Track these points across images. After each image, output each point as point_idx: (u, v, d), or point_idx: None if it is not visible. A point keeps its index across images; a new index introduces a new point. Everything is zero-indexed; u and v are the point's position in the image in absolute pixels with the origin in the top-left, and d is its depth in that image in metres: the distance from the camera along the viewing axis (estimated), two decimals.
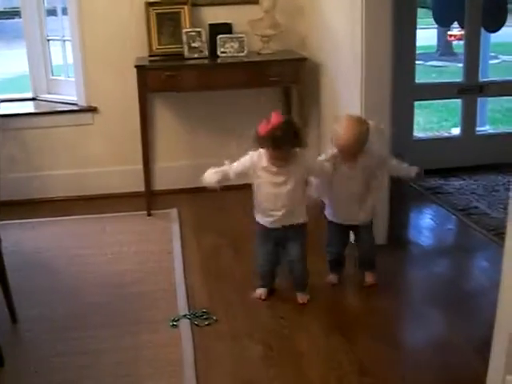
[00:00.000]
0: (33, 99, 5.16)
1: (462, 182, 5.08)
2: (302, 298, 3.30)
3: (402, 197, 4.62)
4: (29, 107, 5.05)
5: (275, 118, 3.00)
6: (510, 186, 2.32)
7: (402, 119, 5.11)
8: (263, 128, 3.00)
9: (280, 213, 3.17)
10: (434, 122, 7.55)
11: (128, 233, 4.26)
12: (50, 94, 5.14)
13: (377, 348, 2.88)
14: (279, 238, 3.25)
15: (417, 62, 5.36)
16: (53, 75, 5.20)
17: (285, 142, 3.00)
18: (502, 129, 6.71)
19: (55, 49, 5.17)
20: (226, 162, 3.39)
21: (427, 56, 11.03)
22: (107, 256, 3.90)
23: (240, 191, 4.80)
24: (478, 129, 5.55)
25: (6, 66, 12.42)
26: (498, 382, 2.35)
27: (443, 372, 2.71)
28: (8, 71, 11.93)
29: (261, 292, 3.35)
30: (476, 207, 4.55)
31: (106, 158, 4.93)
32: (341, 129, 3.19)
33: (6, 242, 3.12)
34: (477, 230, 4.18)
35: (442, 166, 5.26)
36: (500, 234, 2.31)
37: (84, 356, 2.89)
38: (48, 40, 5.10)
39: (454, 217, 4.48)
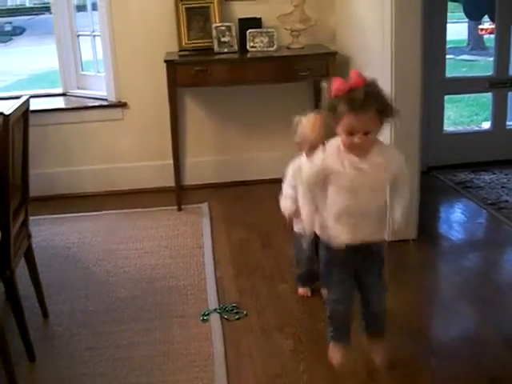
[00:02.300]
0: (63, 95, 5.21)
1: (492, 176, 5.04)
2: (378, 347, 2.69)
3: (432, 190, 4.60)
4: (59, 103, 5.09)
5: (356, 78, 2.28)
6: None
7: (433, 113, 5.10)
8: (339, 85, 2.28)
9: (365, 221, 2.44)
10: (464, 116, 7.50)
11: (158, 228, 4.28)
12: (79, 89, 5.19)
13: (406, 341, 2.87)
14: (358, 263, 2.53)
15: (447, 56, 5.32)
16: (82, 70, 5.24)
17: (370, 103, 2.23)
18: None
19: (85, 44, 5.20)
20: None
21: (458, 50, 10.94)
22: (138, 251, 3.93)
23: (269, 185, 4.84)
24: (508, 123, 5.50)
25: (36, 61, 12.54)
26: None
27: (473, 366, 2.69)
28: (38, 67, 12.04)
29: (338, 355, 2.67)
30: (506, 201, 4.52)
31: (135, 153, 4.96)
32: (305, 122, 2.90)
33: (37, 238, 3.16)
34: (507, 224, 4.15)
35: (473, 160, 5.23)
36: None
37: (115, 350, 2.91)
38: (78, 35, 5.14)
39: (484, 211, 4.45)
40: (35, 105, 4.31)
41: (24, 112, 2.84)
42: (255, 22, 4.62)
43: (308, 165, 2.48)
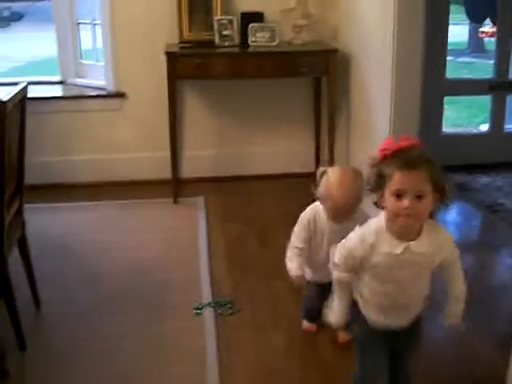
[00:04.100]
0: (61, 83, 5.18)
1: (488, 179, 5.03)
2: None
3: None
4: (57, 91, 5.06)
5: (408, 139, 2.02)
6: None
7: (432, 114, 5.09)
8: (388, 144, 1.99)
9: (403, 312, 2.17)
10: (463, 117, 7.50)
11: (154, 220, 4.27)
12: (78, 78, 5.15)
13: None
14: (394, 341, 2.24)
15: (448, 58, 5.31)
16: (82, 59, 5.20)
17: (424, 163, 1.91)
18: None
19: (85, 33, 5.17)
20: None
21: (458, 52, 10.93)
22: (133, 242, 3.91)
23: (267, 180, 4.84)
24: (506, 126, 5.50)
25: (34, 48, 12.49)
26: None
27: (463, 367, 2.70)
28: (36, 54, 11.99)
29: None
30: (502, 204, 4.52)
31: (133, 144, 4.94)
32: (333, 183, 2.61)
33: (31, 226, 3.13)
34: (502, 226, 4.16)
35: (470, 162, 5.22)
36: None
37: (107, 341, 2.90)
38: (78, 23, 5.10)
39: (479, 213, 4.45)
40: (33, 92, 4.29)
41: (21, 99, 2.82)
42: (257, 17, 4.60)
43: (343, 251, 2.09)
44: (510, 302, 2.63)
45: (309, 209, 2.79)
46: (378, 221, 2.02)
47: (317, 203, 2.74)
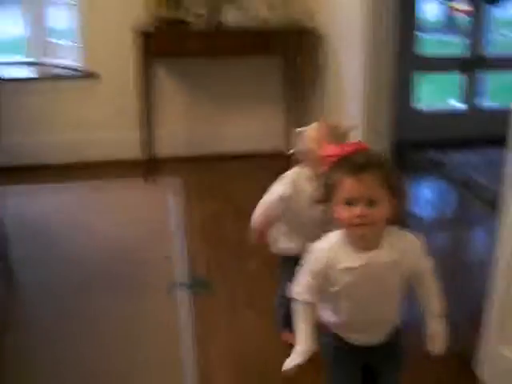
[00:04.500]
0: (32, 63, 5.11)
1: (461, 156, 5.06)
2: None
3: (402, 168, 4.61)
4: (28, 72, 5.01)
5: (355, 144, 1.87)
6: (504, 160, 2.32)
7: (404, 92, 5.10)
8: (333, 150, 1.83)
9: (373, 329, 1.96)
10: (436, 95, 7.51)
11: (128, 200, 4.26)
12: (49, 58, 5.09)
13: None
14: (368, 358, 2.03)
15: (421, 35, 5.32)
16: (53, 39, 5.14)
17: (373, 166, 1.74)
18: (504, 103, 6.67)
19: (57, 13, 5.10)
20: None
21: (432, 29, 10.93)
22: (107, 222, 3.89)
23: (242, 159, 4.83)
24: (479, 103, 5.53)
25: (3, 27, 12.30)
26: (489, 353, 2.37)
27: None
28: (6, 33, 11.80)
29: None
30: (475, 180, 4.54)
31: (106, 123, 4.90)
32: (309, 133, 2.46)
33: (4, 208, 3.11)
34: (476, 203, 4.18)
35: (443, 138, 5.24)
36: (498, 207, 2.33)
37: (82, 321, 2.89)
38: (48, 3, 5.03)
39: (453, 190, 4.48)
40: (3, 73, 4.24)
41: None
42: None
43: (305, 269, 1.88)
44: (483, 276, 2.65)
45: (286, 178, 2.56)
46: (334, 234, 1.85)
47: (295, 170, 2.55)
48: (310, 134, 2.45)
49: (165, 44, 4.25)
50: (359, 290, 1.82)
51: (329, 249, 1.83)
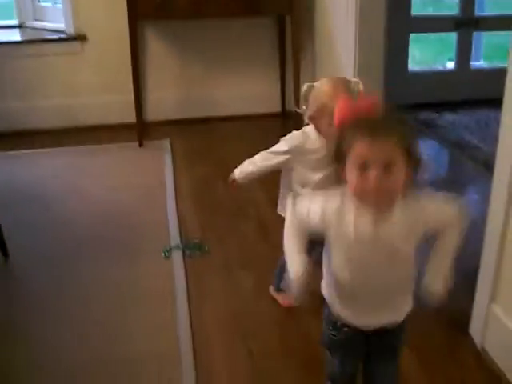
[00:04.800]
0: (18, 27, 5.06)
1: (455, 116, 5.04)
2: None
3: None
4: (15, 35, 4.94)
5: (371, 100, 1.62)
6: (499, 121, 2.29)
7: (397, 52, 5.06)
8: (346, 109, 1.61)
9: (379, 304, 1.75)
10: (429, 55, 7.47)
11: (120, 164, 4.24)
12: (36, 21, 5.03)
13: None
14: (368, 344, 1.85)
15: None
16: (39, 1, 5.07)
17: (391, 129, 1.56)
18: (497, 64, 6.64)
19: None
20: None
21: None
22: (99, 187, 3.87)
23: (233, 122, 4.80)
24: (472, 63, 5.50)
25: None
26: (483, 311, 2.38)
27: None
28: None
29: None
30: (468, 141, 4.53)
31: (95, 87, 4.86)
32: (322, 87, 2.27)
33: None
34: (469, 163, 4.18)
35: (436, 99, 5.23)
36: (491, 167, 2.31)
37: (77, 287, 2.88)
38: None
39: (446, 150, 4.47)
40: None
41: None
42: None
43: (300, 208, 1.74)
44: (476, 236, 2.64)
45: (295, 133, 2.38)
46: (342, 189, 1.64)
47: (305, 129, 2.36)
48: (322, 87, 2.26)
49: (152, 5, 4.18)
50: (365, 256, 1.64)
51: (336, 195, 1.64)
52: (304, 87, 2.31)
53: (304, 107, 2.31)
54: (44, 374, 2.35)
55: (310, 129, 2.33)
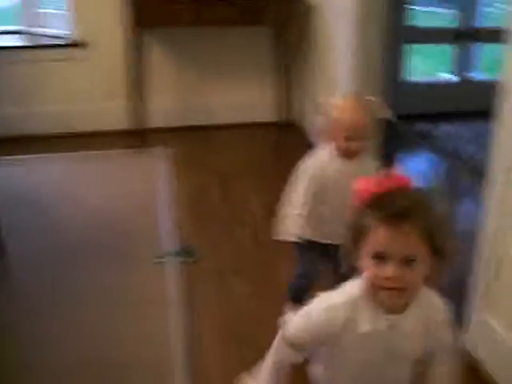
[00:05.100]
0: (20, 32, 5.07)
1: (451, 128, 5.05)
2: None
3: (392, 139, 4.60)
4: (16, 40, 4.96)
5: (399, 176, 1.44)
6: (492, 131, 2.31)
7: (396, 63, 5.08)
8: (370, 186, 1.42)
9: None
10: (427, 67, 7.48)
11: (117, 170, 4.24)
12: (38, 27, 5.04)
13: None
14: None
15: (414, 7, 5.28)
16: (42, 7, 5.08)
17: (415, 216, 1.36)
18: (495, 76, 6.65)
19: None
20: None
21: (426, 2, 10.88)
22: (96, 194, 3.87)
23: (231, 130, 4.81)
24: (470, 75, 5.51)
25: None
26: (475, 322, 2.39)
27: None
28: None
29: None
30: (465, 152, 4.54)
31: (95, 94, 4.86)
32: (342, 111, 2.20)
33: None
34: (465, 173, 4.19)
35: (433, 110, 5.23)
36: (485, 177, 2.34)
37: (70, 291, 2.88)
38: None
39: (443, 161, 4.48)
40: None
41: None
42: None
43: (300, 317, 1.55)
44: (470, 247, 2.65)
45: (312, 159, 2.30)
46: (353, 286, 1.47)
47: (318, 152, 2.31)
48: (337, 103, 2.23)
49: (153, 13, 4.21)
50: (371, 357, 1.49)
51: (345, 304, 1.46)
52: (318, 102, 2.31)
53: (316, 124, 2.35)
54: (33, 374, 2.36)
55: (324, 147, 2.29)
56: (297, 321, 1.55)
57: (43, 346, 2.51)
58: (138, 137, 4.49)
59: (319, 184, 2.25)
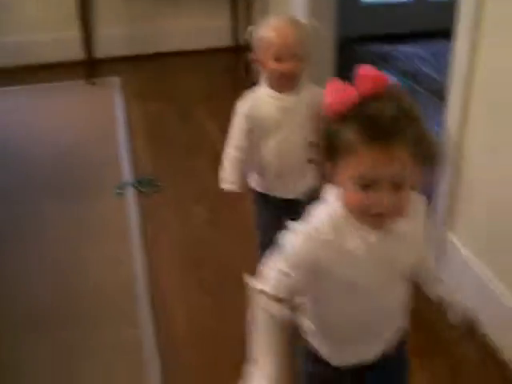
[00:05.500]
0: None
1: (410, 48, 5.02)
2: None
3: (349, 61, 4.55)
4: None
5: (375, 76, 1.19)
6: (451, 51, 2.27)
7: None
8: (341, 92, 1.18)
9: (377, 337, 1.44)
10: None
11: (70, 102, 4.14)
12: None
13: None
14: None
15: None
16: None
17: (403, 128, 1.15)
18: None
19: None
20: None
21: None
22: (50, 126, 3.79)
23: (184, 57, 4.70)
24: None
25: None
26: (438, 239, 2.40)
27: None
28: None
29: None
30: (424, 72, 4.52)
31: (42, 24, 4.68)
32: (269, 29, 1.96)
33: None
34: (424, 94, 4.18)
35: (392, 31, 5.18)
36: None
37: (32, 224, 2.87)
38: None
39: (402, 82, 4.45)
40: None
41: None
42: None
43: (277, 264, 1.30)
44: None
45: (246, 97, 2.07)
46: (330, 208, 1.28)
47: (255, 90, 2.08)
48: (266, 23, 1.98)
49: None
50: (366, 280, 1.30)
51: (326, 227, 1.26)
52: (248, 31, 2.05)
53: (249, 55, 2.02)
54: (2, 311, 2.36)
55: (258, 87, 2.07)
56: (273, 268, 1.30)
57: (10, 280, 2.52)
58: (90, 67, 4.36)
59: (255, 124, 2.03)
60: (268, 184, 2.15)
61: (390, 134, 1.12)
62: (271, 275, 1.29)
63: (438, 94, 4.09)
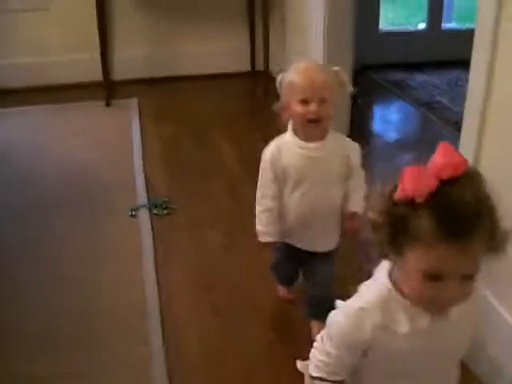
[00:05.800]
0: None
1: (425, 77, 5.03)
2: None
3: (365, 89, 4.58)
4: None
5: (455, 159, 1.17)
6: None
7: (369, 12, 5.02)
8: (416, 175, 1.16)
9: None
10: (401, 16, 7.44)
11: (87, 123, 4.16)
12: None
13: None
14: None
15: None
16: None
17: (482, 224, 1.10)
18: (469, 25, 6.62)
19: None
20: None
21: None
22: (67, 147, 3.80)
23: (201, 81, 4.74)
24: (443, 24, 5.48)
25: None
26: None
27: None
28: None
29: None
30: (439, 102, 4.53)
31: (62, 45, 4.73)
32: (296, 72, 1.93)
33: None
34: (439, 123, 4.18)
35: (407, 60, 5.20)
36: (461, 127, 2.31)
37: (45, 244, 2.87)
38: None
39: (416, 111, 4.46)
40: None
41: None
42: None
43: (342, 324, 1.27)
44: None
45: (271, 144, 2.05)
46: (381, 287, 1.24)
47: (279, 137, 2.05)
48: (296, 66, 1.94)
49: None
50: (412, 366, 1.27)
51: (374, 307, 1.22)
52: (278, 78, 1.98)
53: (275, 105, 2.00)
54: (15, 330, 2.36)
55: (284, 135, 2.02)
56: (323, 351, 1.31)
57: (18, 296, 2.52)
58: (107, 89, 4.40)
59: (277, 172, 1.99)
60: (287, 232, 2.11)
61: (469, 230, 1.06)
62: (321, 358, 1.30)
63: (452, 123, 4.10)
